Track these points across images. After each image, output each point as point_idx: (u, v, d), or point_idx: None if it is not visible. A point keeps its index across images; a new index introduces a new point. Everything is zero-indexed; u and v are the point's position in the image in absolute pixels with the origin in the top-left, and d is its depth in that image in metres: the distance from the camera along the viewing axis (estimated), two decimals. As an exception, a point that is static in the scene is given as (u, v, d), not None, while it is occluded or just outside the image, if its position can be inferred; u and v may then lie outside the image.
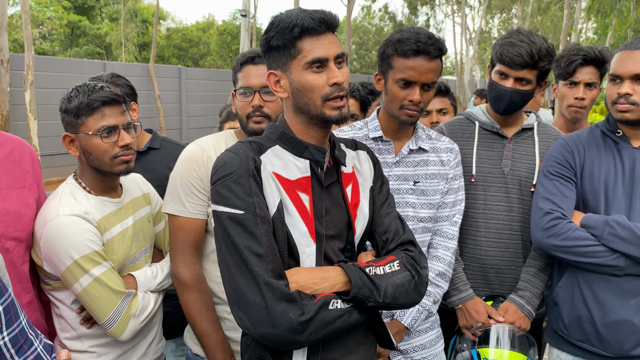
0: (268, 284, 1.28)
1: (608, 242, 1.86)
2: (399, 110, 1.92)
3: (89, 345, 1.80)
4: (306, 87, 1.41)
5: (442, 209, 2.06)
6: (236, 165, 1.39)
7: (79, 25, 30.34)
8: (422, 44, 1.83)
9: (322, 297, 1.35)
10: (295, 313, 1.28)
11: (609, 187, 1.95)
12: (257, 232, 1.33)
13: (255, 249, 1.32)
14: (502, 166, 2.24)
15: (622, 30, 23.61)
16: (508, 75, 2.11)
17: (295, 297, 1.30)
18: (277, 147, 1.48)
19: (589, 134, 2.08)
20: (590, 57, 2.65)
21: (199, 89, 15.85)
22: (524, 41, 2.05)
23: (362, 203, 1.57)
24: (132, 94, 2.53)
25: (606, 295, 1.91)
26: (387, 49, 1.93)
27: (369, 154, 1.66)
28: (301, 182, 1.45)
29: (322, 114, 1.42)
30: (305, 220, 1.43)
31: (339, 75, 1.40)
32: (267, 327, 1.28)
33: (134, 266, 1.89)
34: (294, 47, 1.40)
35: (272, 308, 1.27)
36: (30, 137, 10.07)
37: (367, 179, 1.62)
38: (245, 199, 1.35)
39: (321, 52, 1.39)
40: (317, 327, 1.30)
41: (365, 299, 1.38)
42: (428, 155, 2.04)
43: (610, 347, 1.92)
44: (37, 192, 1.85)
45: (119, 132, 1.79)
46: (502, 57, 2.09)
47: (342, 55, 1.44)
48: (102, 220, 1.78)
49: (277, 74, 1.46)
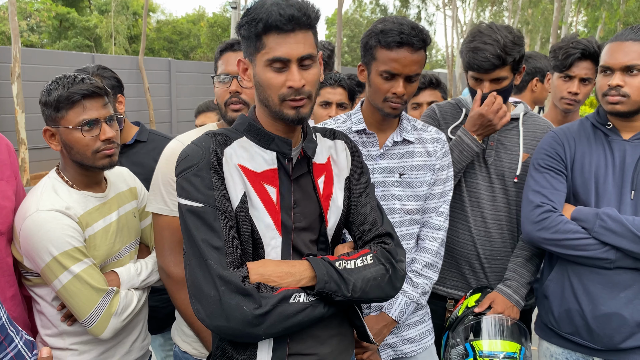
0: (221, 277, 1.29)
1: (599, 234, 1.85)
2: (383, 102, 1.89)
3: (70, 343, 1.76)
4: (265, 84, 1.39)
5: (430, 200, 2.03)
6: (197, 158, 1.38)
7: (68, 17, 30.01)
8: (406, 35, 1.80)
9: (282, 290, 1.34)
10: (249, 306, 1.28)
11: (599, 179, 1.94)
12: (215, 225, 1.33)
13: (214, 242, 1.32)
14: (486, 156, 2.22)
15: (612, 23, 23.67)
16: (482, 79, 2.11)
17: (250, 291, 1.29)
18: (243, 139, 1.46)
19: (580, 127, 2.07)
20: (589, 52, 2.61)
21: (189, 81, 15.74)
22: (487, 42, 2.02)
23: (336, 194, 1.56)
24: (118, 86, 2.49)
25: (596, 288, 1.90)
26: (370, 39, 1.89)
27: (347, 144, 1.64)
28: (267, 174, 1.44)
29: (279, 112, 1.40)
30: (270, 212, 1.42)
31: (297, 80, 1.36)
32: (221, 319, 1.28)
33: (117, 262, 1.85)
34: (259, 41, 1.38)
35: (226, 301, 1.28)
36: (18, 130, 9.96)
37: (343, 169, 1.60)
38: (205, 191, 1.35)
39: (283, 52, 1.35)
40: (275, 320, 1.31)
41: (332, 293, 1.38)
42: (414, 146, 2.01)
43: (600, 340, 1.91)
44: (15, 184, 1.80)
45: (101, 125, 1.74)
46: (471, 65, 2.08)
47: (310, 57, 1.39)
48: (84, 216, 1.74)
49: (246, 62, 1.46)
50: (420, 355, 2.08)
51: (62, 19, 30.23)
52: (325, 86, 2.72)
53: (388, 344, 2.04)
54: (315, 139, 1.55)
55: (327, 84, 2.72)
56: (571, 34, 2.78)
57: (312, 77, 1.41)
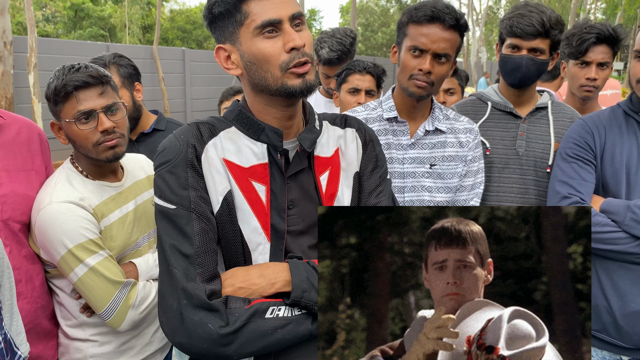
0: (185, 289, 1.13)
1: (629, 228, 1.78)
2: (408, 80, 1.83)
3: (91, 334, 1.74)
4: (260, 58, 1.18)
5: (460, 192, 1.97)
6: (174, 152, 1.22)
7: (83, 7, 30.13)
8: (438, 10, 1.76)
9: (256, 303, 1.17)
10: (215, 324, 1.11)
11: (631, 170, 1.86)
12: (187, 230, 1.17)
13: (183, 249, 1.16)
14: (517, 147, 2.17)
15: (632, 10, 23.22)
16: (521, 47, 2.06)
17: (217, 306, 1.13)
18: (232, 129, 1.29)
19: (610, 114, 1.99)
20: (604, 36, 2.54)
21: (203, 71, 15.72)
22: (533, 11, 2.03)
23: (342, 192, 1.35)
24: (135, 74, 2.46)
25: (626, 284, 1.83)
26: (403, 17, 1.87)
27: (359, 132, 1.42)
28: (256, 169, 1.26)
29: (283, 86, 1.20)
30: (258, 214, 1.25)
31: (297, 38, 1.18)
32: (183, 336, 1.13)
33: (135, 252, 1.83)
34: (239, 12, 1.19)
35: (187, 316, 1.12)
36: (35, 120, 10.01)
37: (352, 163, 1.38)
38: (179, 191, 1.19)
39: (272, 13, 1.17)
40: (248, 339, 1.13)
41: (313, 304, 1.18)
42: (445, 136, 1.95)
43: (629, 338, 1.85)
44: (44, 174, 1.79)
45: (98, 116, 1.66)
46: (513, 29, 2.04)
47: (300, 16, 1.21)
48: (100, 206, 1.70)
49: (226, 47, 1.25)
50: None
51: (77, 9, 30.36)
52: (354, 72, 2.67)
53: None
54: (317, 129, 1.35)
55: (355, 70, 2.67)
56: (583, 19, 2.71)
57: (308, 38, 1.22)
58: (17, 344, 1.28)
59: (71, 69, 1.66)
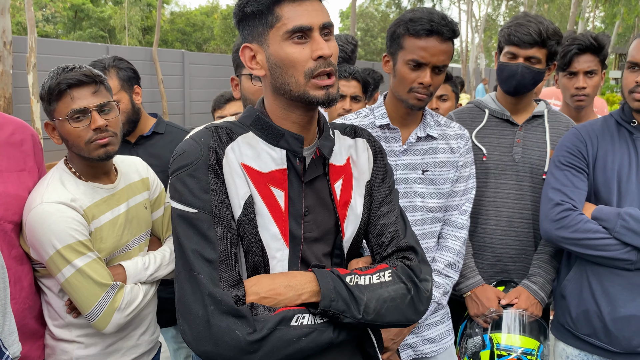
0: (211, 295, 1.11)
1: (620, 235, 1.81)
2: (408, 93, 1.84)
3: (77, 335, 1.74)
4: (286, 62, 1.19)
5: (452, 197, 1.99)
6: (194, 155, 1.20)
7: (83, 8, 30.19)
8: (436, 23, 1.76)
9: (281, 311, 1.15)
10: (243, 330, 1.10)
11: (622, 178, 1.89)
12: (210, 234, 1.16)
13: (206, 254, 1.15)
14: (513, 154, 2.20)
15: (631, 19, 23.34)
16: (517, 55, 2.10)
17: (244, 312, 1.11)
18: (250, 134, 1.27)
19: (603, 124, 2.02)
20: (585, 45, 2.62)
21: (203, 73, 15.75)
22: (532, 21, 2.07)
23: (355, 201, 1.36)
24: (135, 77, 2.48)
25: (616, 289, 1.86)
26: (398, 28, 1.85)
27: (370, 143, 1.44)
28: (275, 175, 1.25)
29: (305, 94, 1.20)
30: (277, 220, 1.24)
31: (325, 48, 1.18)
32: (209, 344, 1.10)
33: (125, 255, 1.83)
34: (272, 14, 1.19)
35: (215, 323, 1.10)
36: (33, 120, 10.02)
37: (364, 172, 1.40)
38: (200, 195, 1.17)
39: (304, 19, 1.17)
40: (274, 347, 1.11)
41: (340, 313, 1.18)
42: (437, 142, 1.97)
43: (619, 343, 1.87)
44: (37, 175, 1.79)
45: (91, 114, 1.68)
46: (511, 37, 2.09)
47: (330, 26, 1.22)
48: (91, 208, 1.71)
49: (253, 47, 1.25)
50: (441, 356, 2.05)
51: (77, 10, 30.40)
52: (340, 79, 2.70)
53: (408, 344, 2.00)
54: (332, 137, 1.36)
55: (341, 76, 2.69)
56: (567, 32, 2.79)
57: (335, 49, 1.22)
58: (9, 344, 1.29)
59: (65, 69, 1.68)
